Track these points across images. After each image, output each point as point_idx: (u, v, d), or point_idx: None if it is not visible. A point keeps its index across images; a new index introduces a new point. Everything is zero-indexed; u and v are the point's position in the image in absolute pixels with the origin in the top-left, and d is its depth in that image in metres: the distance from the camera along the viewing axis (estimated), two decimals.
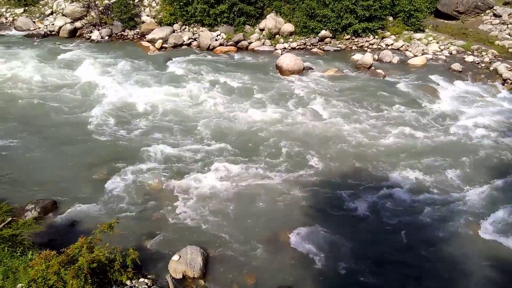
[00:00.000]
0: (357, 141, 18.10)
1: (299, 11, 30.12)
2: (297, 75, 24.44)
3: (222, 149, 17.26)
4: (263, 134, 18.50)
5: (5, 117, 19.38)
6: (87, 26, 31.97)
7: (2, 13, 34.82)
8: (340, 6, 28.63)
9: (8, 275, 9.66)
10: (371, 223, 13.76)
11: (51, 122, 19.20)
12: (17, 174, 15.54)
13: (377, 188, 15.29)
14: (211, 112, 20.26)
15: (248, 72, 24.81)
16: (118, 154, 16.78)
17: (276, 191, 14.97)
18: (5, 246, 10.33)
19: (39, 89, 22.26)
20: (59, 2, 33.98)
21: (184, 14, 30.91)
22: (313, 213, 14.06)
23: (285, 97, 21.72)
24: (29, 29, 32.16)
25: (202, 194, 14.69)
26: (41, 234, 12.34)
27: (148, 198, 14.49)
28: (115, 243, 10.91)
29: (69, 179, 15.32)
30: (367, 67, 25.52)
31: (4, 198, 13.45)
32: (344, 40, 29.88)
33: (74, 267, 8.89)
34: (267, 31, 30.18)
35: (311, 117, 19.84)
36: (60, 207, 13.93)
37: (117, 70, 24.65)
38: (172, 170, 15.84)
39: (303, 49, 29.46)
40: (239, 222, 13.56)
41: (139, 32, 31.41)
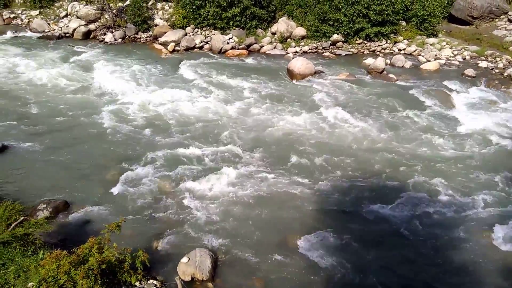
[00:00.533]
0: (368, 146, 18.00)
1: (311, 15, 30.11)
2: (309, 79, 24.39)
3: (233, 153, 17.28)
4: (274, 138, 18.49)
5: (19, 117, 19.65)
6: (101, 29, 32.36)
7: (18, 15, 35.42)
8: (353, 10, 28.55)
9: (20, 274, 9.76)
10: (383, 230, 13.60)
11: (64, 122, 19.42)
12: (30, 173, 15.73)
13: (390, 194, 15.14)
14: (222, 115, 20.32)
15: (259, 75, 24.84)
16: (130, 155, 16.90)
17: (287, 195, 14.92)
18: (17, 245, 10.44)
19: (53, 90, 22.58)
20: (73, 5, 34.47)
21: (196, 18, 31.11)
22: (324, 219, 13.97)
23: (296, 101, 21.69)
24: (44, 30, 32.67)
25: (212, 197, 14.70)
26: (52, 234, 12.45)
27: (159, 199, 14.55)
28: (125, 244, 10.98)
29: (81, 180, 15.47)
30: (379, 72, 25.39)
31: (17, 198, 13.60)
32: (356, 44, 29.77)
33: (84, 267, 8.96)
34: (278, 34, 30.21)
35: (322, 121, 19.78)
36: (72, 207, 14.05)
37: (129, 72, 24.88)
38: (183, 173, 15.89)
39: (315, 53, 29.42)
40: (248, 225, 13.54)
41: (152, 35, 31.69)
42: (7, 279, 9.68)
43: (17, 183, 15.18)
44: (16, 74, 24.48)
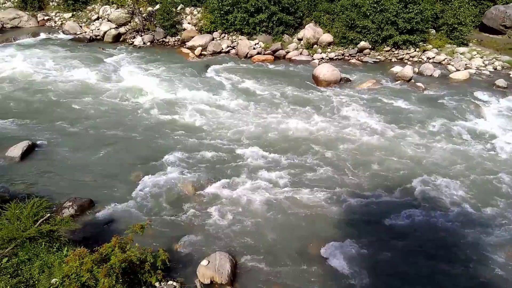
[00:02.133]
0: (394, 156, 17.68)
1: (338, 22, 29.93)
2: (334, 85, 24.22)
3: (256, 157, 17.28)
4: (298, 144, 18.41)
5: (49, 117, 20.22)
6: (131, 32, 33.03)
7: (52, 17, 36.56)
8: (381, 17, 28.24)
9: (44, 269, 10.00)
10: (407, 242, 13.26)
11: (91, 123, 19.87)
12: (58, 172, 16.14)
13: (415, 204, 14.83)
14: (247, 120, 20.37)
15: (284, 81, 24.83)
16: (154, 156, 17.12)
17: (309, 203, 14.78)
18: (42, 241, 10.69)
19: (82, 91, 23.15)
20: (105, 8, 35.33)
21: (224, 23, 31.39)
22: (346, 227, 13.77)
23: (321, 108, 21.55)
24: (76, 33, 33.58)
25: (235, 201, 14.71)
26: (76, 232, 12.72)
27: (181, 201, 14.67)
28: (147, 244, 11.11)
29: (106, 179, 15.76)
30: (407, 80, 24.98)
31: (45, 195, 13.94)
32: (383, 51, 29.42)
33: (107, 266, 9.10)
34: (305, 40, 30.15)
35: (346, 129, 19.57)
36: (96, 206, 14.32)
37: (157, 75, 25.29)
38: (206, 175, 15.98)
39: (341, 59, 29.21)
40: (269, 231, 13.47)
41: (179, 39, 32.14)
42: (32, 274, 9.93)
43: (44, 181, 15.60)
44: (47, 75, 25.22)
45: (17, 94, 22.64)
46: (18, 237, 10.45)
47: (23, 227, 10.67)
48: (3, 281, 9.48)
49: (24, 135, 18.30)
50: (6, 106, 21.33)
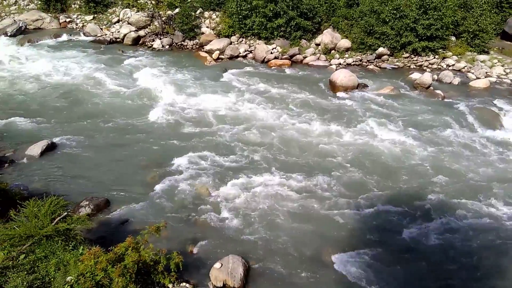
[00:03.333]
0: (412, 163, 17.45)
1: (357, 28, 29.79)
2: (351, 91, 24.07)
3: (272, 161, 17.27)
4: (313, 149, 18.33)
5: (68, 117, 20.62)
6: (150, 35, 33.44)
7: (73, 19, 37.28)
8: (400, 24, 28.00)
9: (60, 267, 10.12)
10: (423, 253, 13.04)
11: (110, 124, 20.15)
12: (75, 171, 16.39)
13: (432, 215, 14.58)
14: (262, 124, 20.37)
15: (300, 86, 24.78)
16: (170, 158, 17.25)
17: (322, 209, 14.70)
18: (59, 239, 10.83)
19: (101, 92, 23.52)
20: (125, 11, 35.88)
21: (242, 27, 31.55)
22: (360, 235, 13.62)
23: (337, 113, 21.43)
24: (96, 35, 34.18)
25: (249, 204, 14.72)
26: (92, 231, 12.88)
27: (195, 203, 14.74)
28: (161, 245, 11.17)
29: (122, 179, 15.94)
30: (426, 87, 24.69)
31: (62, 193, 14.12)
32: (402, 58, 29.14)
33: (121, 266, 9.17)
34: (323, 46, 30.07)
35: (363, 135, 19.42)
36: (112, 206, 14.49)
37: (174, 78, 25.53)
38: (221, 178, 16.04)
39: (359, 65, 29.04)
40: (283, 236, 13.42)
41: (198, 43, 32.41)
42: (48, 271, 10.07)
43: (62, 179, 15.86)
44: (68, 76, 25.71)
45: (38, 94, 23.15)
46: (35, 235, 10.60)
47: (41, 224, 10.82)
48: (20, 277, 9.62)
49: (44, 134, 18.69)
50: (27, 105, 21.81)
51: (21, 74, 25.87)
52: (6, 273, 9.79)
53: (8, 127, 19.41)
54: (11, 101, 22.26)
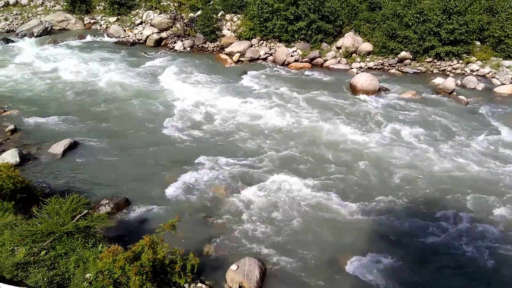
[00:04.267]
0: (432, 169, 17.16)
1: (379, 31, 29.50)
2: (372, 95, 23.84)
3: (290, 164, 17.23)
4: (333, 153, 18.20)
5: (90, 116, 21.00)
6: (172, 37, 33.86)
7: (97, 21, 38.03)
8: (424, 28, 27.61)
9: (79, 264, 10.30)
10: (442, 261, 12.78)
11: (130, 124, 20.45)
12: (96, 170, 16.67)
13: (451, 221, 14.31)
14: (281, 126, 20.36)
15: (321, 89, 24.69)
16: (189, 159, 17.39)
17: (341, 213, 14.57)
18: (79, 237, 11.03)
19: (123, 93, 23.93)
20: (148, 13, 36.40)
21: (263, 30, 31.63)
22: (378, 241, 13.46)
23: (358, 117, 21.26)
24: (119, 36, 34.80)
25: (266, 207, 14.70)
26: (111, 229, 13.06)
27: (213, 204, 14.81)
28: (178, 245, 11.23)
29: (142, 179, 16.13)
30: (448, 92, 24.26)
31: (83, 192, 14.43)
32: (425, 62, 28.72)
33: (137, 264, 9.27)
34: (344, 49, 29.89)
35: (383, 140, 19.19)
36: (132, 205, 14.67)
37: (195, 80, 25.78)
38: (239, 180, 16.08)
39: (380, 69, 28.76)
40: (299, 239, 13.36)
41: (218, 45, 32.65)
42: (68, 268, 10.26)
43: (83, 178, 16.14)
44: (91, 76, 26.23)
45: (61, 94, 23.68)
46: (56, 231, 10.82)
47: (62, 221, 11.04)
48: (41, 273, 9.83)
49: (66, 133, 19.08)
50: (51, 104, 22.32)
51: (46, 74, 26.51)
52: (27, 269, 10.02)
53: (32, 125, 19.89)
54: (35, 100, 22.81)
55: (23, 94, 23.47)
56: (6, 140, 18.31)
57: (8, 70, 26.81)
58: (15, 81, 25.27)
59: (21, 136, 18.81)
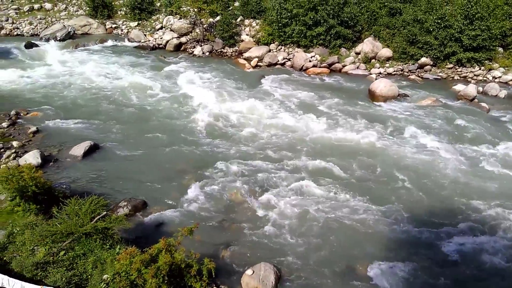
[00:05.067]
0: (453, 177, 16.81)
1: (399, 37, 29.22)
2: (391, 101, 23.59)
3: (308, 170, 17.13)
4: (351, 159, 18.03)
5: (111, 119, 21.29)
6: (191, 42, 34.21)
7: (119, 25, 38.69)
8: (445, 34, 27.23)
9: (97, 265, 10.45)
10: (462, 270, 12.53)
11: (150, 127, 20.67)
12: (116, 172, 16.88)
13: (472, 232, 13.97)
14: (299, 131, 20.28)
15: (339, 94, 24.55)
16: (207, 162, 17.47)
17: (359, 219, 14.39)
18: (97, 238, 11.19)
19: (143, 96, 24.23)
20: (168, 18, 36.88)
21: (281, 35, 31.69)
22: (397, 249, 13.24)
23: (376, 123, 21.02)
24: (140, 41, 35.31)
25: (282, 212, 14.63)
26: (129, 231, 13.19)
27: (230, 208, 14.83)
28: (194, 247, 11.31)
29: (160, 182, 16.26)
30: (470, 99, 23.83)
31: (102, 193, 14.61)
32: (445, 69, 28.29)
33: (154, 267, 9.34)
34: (363, 55, 29.68)
35: (402, 147, 18.93)
36: (149, 207, 14.80)
37: (213, 84, 25.96)
38: (256, 184, 16.07)
39: (400, 75, 28.45)
40: (316, 246, 13.25)
41: (237, 50, 32.83)
42: (86, 269, 10.42)
43: (102, 180, 16.35)
44: (111, 79, 26.65)
45: (82, 97, 24.11)
46: (75, 232, 11.01)
47: (81, 222, 11.22)
48: (60, 273, 10.01)
49: (87, 135, 19.38)
50: (72, 106, 22.75)
51: (67, 77, 27.05)
52: (46, 268, 10.21)
53: (53, 127, 20.28)
54: (57, 102, 23.27)
55: (45, 97, 23.98)
56: (29, 141, 18.71)
57: (32, 73, 27.44)
58: (37, 84, 25.85)
59: (43, 138, 19.21)
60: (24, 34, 37.36)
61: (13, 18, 40.17)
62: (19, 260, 10.41)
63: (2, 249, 10.94)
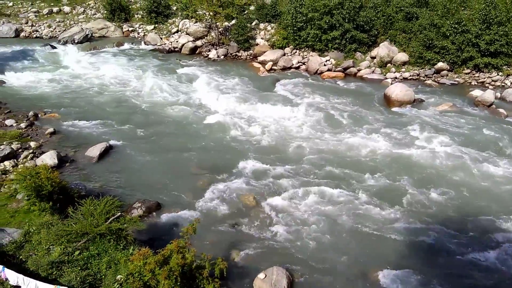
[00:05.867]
0: (469, 185, 16.51)
1: (415, 41, 28.96)
2: (407, 106, 23.36)
3: (321, 174, 17.06)
4: (364, 164, 17.91)
5: (126, 121, 21.55)
6: (206, 45, 34.46)
7: (136, 29, 39.16)
8: (462, 38, 26.90)
9: (111, 265, 10.54)
10: (479, 279, 12.30)
11: (164, 129, 20.86)
12: (130, 173, 17.06)
13: (488, 241, 13.66)
14: (313, 136, 20.24)
15: (354, 99, 24.42)
16: (220, 166, 17.54)
17: (373, 225, 14.25)
18: (111, 238, 11.29)
19: (158, 99, 24.50)
20: (184, 22, 37.19)
21: (296, 39, 31.69)
22: (411, 256, 13.05)
23: (391, 129, 20.81)
24: (156, 44, 35.68)
25: (295, 216, 14.59)
26: (143, 232, 13.29)
27: (243, 212, 14.83)
28: (206, 250, 11.30)
29: (174, 184, 16.37)
30: (487, 105, 23.46)
31: (117, 194, 14.76)
32: (463, 74, 27.91)
33: (167, 268, 9.38)
34: (378, 59, 29.49)
35: (418, 153, 18.67)
36: (163, 209, 14.89)
37: (228, 87, 26.07)
38: (269, 189, 16.06)
39: (416, 80, 28.16)
40: (329, 250, 13.17)
41: (251, 54, 32.93)
42: (100, 269, 10.51)
43: (117, 181, 16.54)
44: (128, 82, 27.00)
45: (99, 98, 24.46)
46: (90, 232, 11.13)
47: (95, 223, 11.35)
48: (74, 272, 10.12)
49: (103, 137, 19.64)
50: (89, 108, 23.09)
51: (85, 79, 27.50)
52: (61, 267, 10.33)
53: (70, 128, 20.60)
54: (74, 104, 23.65)
55: (63, 98, 24.38)
56: (46, 142, 19.03)
57: (50, 75, 27.96)
58: (56, 85, 26.32)
59: (60, 138, 19.51)
60: (43, 37, 38.09)
61: (33, 20, 41.01)
62: (35, 259, 10.56)
63: (18, 247, 11.12)
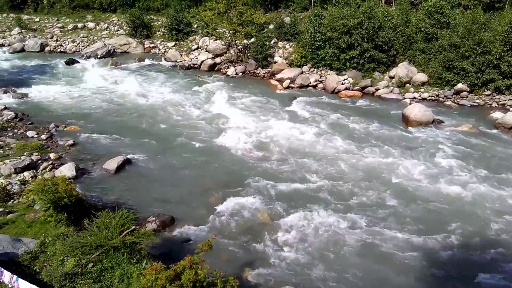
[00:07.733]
0: (491, 209, 16.08)
1: (435, 62, 28.76)
2: (425, 127, 23.09)
3: (336, 195, 16.86)
4: (381, 185, 17.64)
5: (144, 135, 21.83)
6: (225, 62, 34.91)
7: (157, 45, 39.99)
8: (482, 60, 26.62)
9: (123, 279, 10.53)
10: None
11: (181, 144, 21.03)
12: (145, 187, 17.19)
13: (508, 266, 13.31)
14: (330, 154, 20.09)
15: (372, 118, 24.26)
16: (234, 181, 17.54)
17: (388, 247, 13.98)
18: (125, 252, 11.31)
19: (176, 114, 24.77)
20: (204, 39, 37.85)
21: (314, 57, 31.85)
22: (426, 280, 12.74)
23: (410, 149, 20.55)
24: (176, 60, 36.32)
25: (308, 236, 14.41)
26: (156, 246, 13.31)
27: (256, 229, 14.74)
28: (218, 267, 11.19)
29: (188, 199, 16.43)
30: (508, 128, 23.01)
31: (132, 207, 14.86)
32: (483, 95, 27.52)
33: (178, 284, 9.33)
34: (397, 79, 29.35)
35: (436, 174, 18.36)
36: (177, 224, 14.92)
37: (245, 104, 26.26)
38: (283, 206, 15.95)
39: (435, 101, 27.87)
40: (343, 272, 12.93)
41: (270, 71, 33.18)
42: (112, 282, 10.52)
43: (133, 194, 16.67)
44: (147, 97, 27.43)
45: (119, 112, 24.89)
46: (104, 245, 11.18)
47: (110, 236, 11.40)
48: (87, 284, 10.15)
49: (120, 150, 19.90)
50: (108, 121, 23.49)
51: (105, 93, 28.06)
52: (75, 279, 10.38)
53: (89, 141, 20.95)
54: (94, 117, 24.10)
55: (84, 111, 24.89)
56: (65, 153, 19.37)
57: (71, 89, 28.65)
58: (77, 99, 26.93)
59: (79, 151, 19.86)
60: (66, 51, 39.24)
61: (57, 36, 42.30)
62: (49, 270, 10.64)
63: (34, 258, 11.23)
